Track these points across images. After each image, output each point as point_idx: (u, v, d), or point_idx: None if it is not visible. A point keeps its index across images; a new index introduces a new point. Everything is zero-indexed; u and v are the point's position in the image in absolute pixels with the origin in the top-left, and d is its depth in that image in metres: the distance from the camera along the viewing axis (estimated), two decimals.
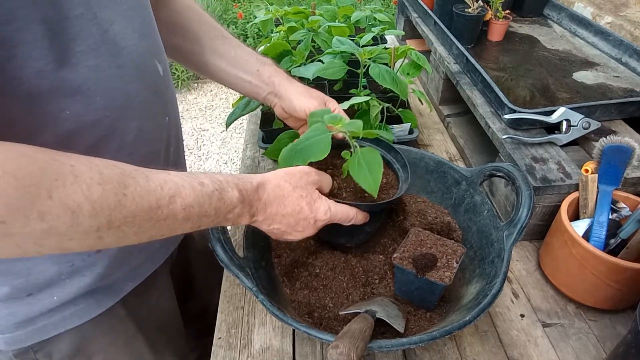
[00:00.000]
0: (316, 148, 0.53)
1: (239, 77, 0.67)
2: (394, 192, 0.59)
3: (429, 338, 0.45)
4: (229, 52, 0.66)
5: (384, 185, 0.60)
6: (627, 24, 1.08)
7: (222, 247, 0.52)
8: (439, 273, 0.53)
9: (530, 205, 0.56)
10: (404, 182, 0.60)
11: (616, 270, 0.55)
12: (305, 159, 0.54)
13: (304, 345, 0.59)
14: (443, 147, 0.98)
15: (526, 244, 0.73)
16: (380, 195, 0.58)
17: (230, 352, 0.59)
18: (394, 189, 0.59)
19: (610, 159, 0.63)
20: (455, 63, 0.99)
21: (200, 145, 2.64)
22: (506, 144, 0.73)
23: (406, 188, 0.58)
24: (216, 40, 0.66)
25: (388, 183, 0.61)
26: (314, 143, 0.54)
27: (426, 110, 1.10)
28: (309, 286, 0.60)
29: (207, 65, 0.67)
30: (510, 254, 0.54)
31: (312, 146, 0.54)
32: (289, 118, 0.68)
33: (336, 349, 0.41)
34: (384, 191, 0.59)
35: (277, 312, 0.48)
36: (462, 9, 1.06)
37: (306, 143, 0.55)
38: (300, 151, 0.54)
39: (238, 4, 3.32)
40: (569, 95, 0.84)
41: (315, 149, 0.53)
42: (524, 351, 0.58)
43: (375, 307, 0.51)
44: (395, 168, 0.63)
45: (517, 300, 0.64)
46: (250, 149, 0.99)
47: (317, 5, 1.10)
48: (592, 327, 0.60)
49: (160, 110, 0.54)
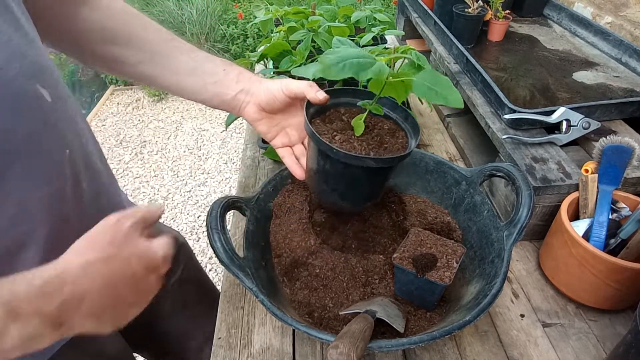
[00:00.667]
0: (375, 67, 0.47)
1: (202, 79, 0.58)
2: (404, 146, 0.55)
3: (429, 338, 0.45)
4: (186, 55, 0.58)
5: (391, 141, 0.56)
6: (627, 24, 1.08)
7: (222, 247, 0.52)
8: (439, 273, 0.53)
9: (530, 205, 0.56)
10: (413, 138, 0.56)
11: (616, 270, 0.55)
12: (360, 74, 0.46)
13: (304, 345, 0.59)
14: (443, 147, 0.98)
15: (526, 244, 0.73)
16: (397, 143, 0.55)
17: (230, 352, 0.59)
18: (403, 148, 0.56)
19: (610, 159, 0.63)
20: (455, 63, 0.99)
21: (200, 145, 2.64)
22: (506, 144, 0.73)
23: (416, 144, 0.54)
24: (168, 44, 0.58)
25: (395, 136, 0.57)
26: (368, 62, 0.47)
27: (426, 110, 1.10)
28: (309, 286, 0.60)
29: (158, 74, 0.58)
30: (510, 254, 0.54)
31: (367, 64, 0.47)
32: (262, 120, 0.60)
33: (336, 349, 0.41)
34: (392, 148, 0.55)
35: (277, 312, 0.48)
36: (462, 9, 1.06)
37: (357, 59, 0.47)
38: (354, 64, 0.46)
39: (238, 4, 3.32)
40: (569, 95, 0.84)
41: (374, 68, 0.47)
42: (524, 351, 0.58)
43: (375, 307, 0.51)
44: (400, 124, 0.59)
45: (517, 300, 0.64)
46: (250, 149, 0.99)
47: (317, 5, 1.10)
48: (592, 327, 0.60)
49: (55, 144, 0.46)
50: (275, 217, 0.66)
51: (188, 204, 2.20)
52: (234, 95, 0.58)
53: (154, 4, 3.18)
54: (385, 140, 0.55)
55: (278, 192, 0.68)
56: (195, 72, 0.58)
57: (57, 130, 0.46)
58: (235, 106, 0.59)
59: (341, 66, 0.46)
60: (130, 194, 2.26)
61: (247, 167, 0.93)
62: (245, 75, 0.59)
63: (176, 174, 2.41)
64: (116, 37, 0.55)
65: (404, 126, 0.58)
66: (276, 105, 0.57)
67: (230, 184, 2.32)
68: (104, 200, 0.57)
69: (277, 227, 0.65)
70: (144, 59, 0.57)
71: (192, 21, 3.10)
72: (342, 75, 0.46)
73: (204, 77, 0.58)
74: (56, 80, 0.47)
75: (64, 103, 0.48)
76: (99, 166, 0.56)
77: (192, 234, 2.03)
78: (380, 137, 0.56)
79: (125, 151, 2.60)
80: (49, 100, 0.44)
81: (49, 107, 0.45)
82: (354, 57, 0.47)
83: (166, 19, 3.10)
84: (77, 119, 0.51)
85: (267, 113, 0.59)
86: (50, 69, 0.46)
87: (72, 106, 0.51)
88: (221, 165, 2.46)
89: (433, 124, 1.05)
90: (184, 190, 2.29)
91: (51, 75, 0.46)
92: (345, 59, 0.47)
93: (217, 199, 0.57)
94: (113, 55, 0.56)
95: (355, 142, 0.53)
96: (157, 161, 2.51)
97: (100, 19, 0.54)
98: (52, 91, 0.45)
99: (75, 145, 0.49)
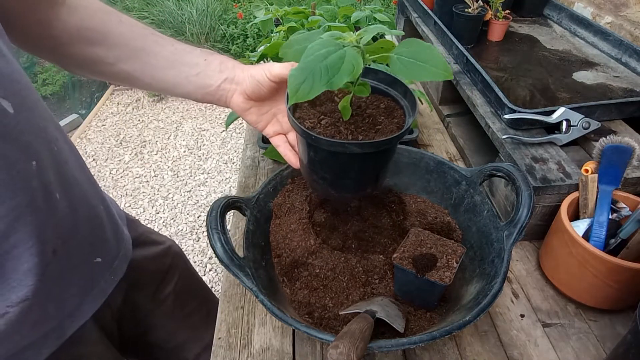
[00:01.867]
0: (346, 65, 0.39)
1: (183, 72, 0.55)
2: (400, 126, 0.50)
3: (429, 338, 0.45)
4: (165, 48, 0.55)
5: (386, 122, 0.51)
6: (627, 24, 1.08)
7: (222, 247, 0.52)
8: (439, 273, 0.53)
9: (530, 205, 0.56)
10: (411, 113, 0.51)
11: (616, 270, 0.55)
12: (333, 82, 0.39)
13: (304, 345, 0.59)
14: (443, 147, 0.98)
15: (526, 244, 0.73)
16: (392, 123, 0.50)
17: (230, 352, 0.59)
18: (398, 128, 0.50)
19: (610, 159, 0.63)
20: (455, 63, 0.99)
21: (200, 145, 2.64)
22: (506, 144, 0.73)
23: (413, 120, 0.49)
24: (146, 39, 0.55)
25: (391, 115, 0.52)
26: (337, 59, 0.40)
27: (426, 110, 1.10)
28: (309, 286, 0.60)
29: (137, 70, 0.56)
30: (510, 254, 0.54)
31: (337, 63, 0.39)
32: (250, 109, 0.57)
33: (336, 349, 0.41)
34: (385, 130, 0.49)
35: (277, 312, 0.48)
36: (462, 9, 1.06)
37: (325, 61, 0.40)
38: (322, 71, 0.39)
39: (238, 4, 3.32)
40: (569, 95, 0.84)
41: (345, 66, 0.39)
42: (523, 351, 0.58)
43: (375, 307, 0.51)
44: (397, 100, 0.53)
45: (517, 300, 0.64)
46: (250, 149, 0.99)
47: (317, 5, 1.10)
48: (592, 327, 0.60)
49: (19, 156, 0.44)
50: (275, 217, 0.66)
51: (188, 204, 2.20)
52: (219, 85, 0.55)
53: (154, 4, 3.18)
54: (379, 121, 0.50)
55: (278, 192, 0.68)
56: (175, 65, 0.55)
57: (21, 143, 0.44)
58: (221, 97, 0.57)
59: (310, 83, 0.39)
60: (130, 194, 2.26)
61: (247, 167, 0.93)
62: (228, 63, 0.56)
63: (176, 174, 2.41)
64: (94, 36, 0.54)
65: (403, 103, 0.53)
66: (262, 92, 0.54)
67: (230, 184, 2.32)
68: (84, 210, 0.55)
69: (277, 227, 0.65)
70: (122, 55, 0.55)
71: (192, 21, 3.10)
72: (316, 94, 0.40)
73: (185, 69, 0.55)
74: (23, 88, 0.45)
75: (31, 113, 0.46)
76: (77, 175, 0.54)
77: (192, 234, 2.03)
78: (372, 118, 0.50)
79: (125, 151, 2.60)
80: (11, 112, 0.42)
81: (11, 119, 0.42)
82: (319, 57, 0.40)
83: (166, 19, 3.10)
84: (49, 128, 0.49)
85: (254, 102, 0.56)
86: (14, 76, 0.44)
87: (41, 114, 0.48)
88: (221, 165, 2.46)
89: (433, 124, 1.05)
90: (184, 190, 2.29)
91: (17, 84, 0.44)
92: (309, 67, 0.40)
93: (217, 199, 0.57)
94: (92, 56, 0.54)
95: (342, 125, 0.48)
96: (157, 161, 2.51)
97: (77, 21, 0.53)
98: (17, 101, 0.43)
99: (43, 156, 0.47)
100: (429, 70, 0.41)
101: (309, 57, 0.40)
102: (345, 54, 0.40)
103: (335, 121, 0.49)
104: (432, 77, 0.41)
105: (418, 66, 0.41)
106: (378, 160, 0.52)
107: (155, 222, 2.10)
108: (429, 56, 0.41)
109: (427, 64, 0.41)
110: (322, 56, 0.40)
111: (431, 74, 0.41)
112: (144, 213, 2.14)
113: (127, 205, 2.20)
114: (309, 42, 0.43)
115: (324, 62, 0.40)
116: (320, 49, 0.41)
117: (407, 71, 0.41)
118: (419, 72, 0.41)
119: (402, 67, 0.41)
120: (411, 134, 0.90)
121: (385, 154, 0.52)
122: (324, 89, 0.39)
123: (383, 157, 0.52)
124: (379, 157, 0.51)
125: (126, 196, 2.25)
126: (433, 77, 0.41)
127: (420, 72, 0.41)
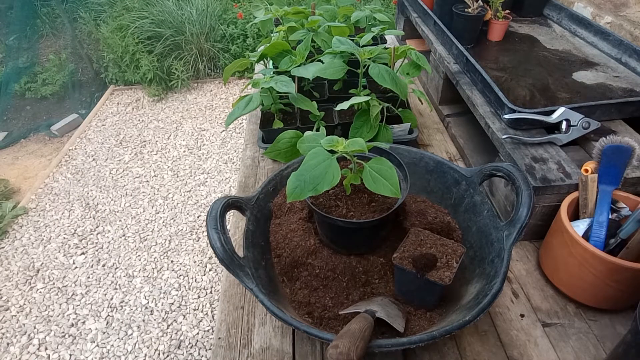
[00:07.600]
0: (328, 175, 0.51)
1: None
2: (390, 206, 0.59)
3: (428, 338, 0.45)
4: None
5: (381, 199, 0.60)
6: (627, 24, 1.08)
7: (222, 247, 0.52)
8: (439, 273, 0.53)
9: (530, 205, 0.56)
10: (404, 183, 0.59)
11: (616, 270, 0.55)
12: (317, 189, 0.51)
13: (304, 345, 0.59)
14: (443, 147, 0.98)
15: (526, 244, 0.73)
16: (386, 201, 0.59)
17: (230, 352, 0.59)
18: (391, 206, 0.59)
19: (610, 159, 0.63)
20: (455, 63, 0.99)
21: (200, 145, 2.64)
22: (506, 144, 0.73)
23: (407, 189, 0.58)
24: None
25: (386, 197, 0.60)
26: (322, 170, 0.52)
27: (426, 110, 1.10)
28: (308, 286, 0.60)
29: None
30: (510, 254, 0.54)
31: (321, 174, 0.51)
32: None
33: (336, 348, 0.41)
34: (378, 208, 0.59)
35: (277, 312, 0.48)
36: (462, 8, 1.06)
37: (313, 172, 0.52)
38: (310, 181, 0.51)
39: (238, 4, 3.32)
40: (568, 95, 0.84)
41: (327, 177, 0.51)
42: (523, 351, 0.58)
43: (375, 307, 0.51)
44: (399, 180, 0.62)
45: (517, 300, 0.64)
46: (250, 148, 0.99)
47: (317, 5, 1.10)
48: (592, 327, 0.60)
49: None
50: (275, 217, 0.66)
51: (188, 203, 2.20)
52: None
53: (154, 4, 3.17)
54: (377, 198, 0.59)
55: (278, 192, 0.68)
56: None
57: None
58: None
59: (300, 189, 0.51)
60: (130, 194, 2.26)
61: (247, 167, 0.93)
62: None
63: (176, 173, 2.41)
64: None
65: (402, 185, 0.60)
66: None
67: (230, 184, 2.32)
68: None
69: (277, 227, 0.65)
70: None
71: (192, 21, 3.09)
72: (305, 197, 0.51)
73: None
74: None
75: None
76: None
77: (192, 234, 2.02)
78: (371, 195, 0.59)
79: (125, 151, 2.60)
80: None
81: None
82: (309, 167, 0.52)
83: (166, 19, 3.09)
84: None
85: None
86: None
87: None
88: (221, 165, 2.46)
89: (433, 124, 1.05)
90: (184, 190, 2.29)
91: None
92: (301, 178, 0.51)
93: (217, 199, 0.57)
94: None
95: (342, 199, 0.58)
96: (157, 161, 2.51)
97: None
98: None
99: None
100: (386, 187, 0.52)
101: (303, 167, 0.52)
102: (330, 166, 0.52)
103: (337, 193, 0.59)
104: (388, 192, 0.52)
105: (381, 181, 0.52)
106: (367, 232, 0.59)
107: (155, 222, 2.10)
108: (389, 175, 0.52)
109: (388, 181, 0.52)
110: (311, 167, 0.52)
111: (387, 190, 0.52)
112: (144, 213, 2.14)
113: (127, 205, 2.19)
114: (316, 142, 0.58)
115: (312, 171, 0.52)
116: (312, 159, 0.53)
117: (373, 183, 0.52)
118: (380, 186, 0.52)
119: (370, 178, 0.53)
120: (411, 134, 0.90)
121: (373, 228, 0.58)
122: (311, 194, 0.51)
123: (372, 230, 0.58)
124: (367, 230, 0.58)
125: (126, 196, 2.25)
126: (389, 192, 0.51)
127: (381, 186, 0.52)
